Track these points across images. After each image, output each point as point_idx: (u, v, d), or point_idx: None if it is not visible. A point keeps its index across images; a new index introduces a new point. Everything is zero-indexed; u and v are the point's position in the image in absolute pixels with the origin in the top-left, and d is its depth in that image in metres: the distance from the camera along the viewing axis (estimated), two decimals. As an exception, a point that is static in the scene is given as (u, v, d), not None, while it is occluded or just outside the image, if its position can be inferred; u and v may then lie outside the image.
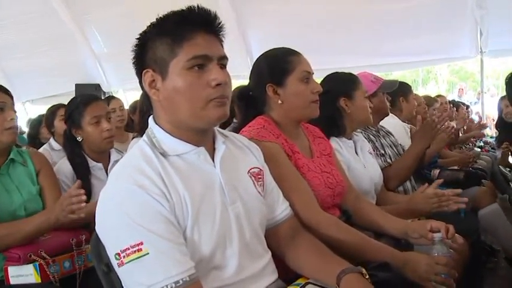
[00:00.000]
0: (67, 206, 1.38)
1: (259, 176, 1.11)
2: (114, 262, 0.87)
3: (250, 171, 1.09)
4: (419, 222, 1.34)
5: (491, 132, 5.99)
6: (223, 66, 0.97)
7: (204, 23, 0.95)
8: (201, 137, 0.99)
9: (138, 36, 0.97)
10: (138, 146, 0.98)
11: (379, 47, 5.66)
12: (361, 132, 1.97)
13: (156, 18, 0.96)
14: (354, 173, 1.66)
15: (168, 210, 0.88)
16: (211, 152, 1.01)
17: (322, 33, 5.68)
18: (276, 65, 1.36)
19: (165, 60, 0.93)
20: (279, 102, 1.35)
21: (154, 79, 0.95)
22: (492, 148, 4.62)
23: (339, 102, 1.73)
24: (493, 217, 2.50)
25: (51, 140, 2.76)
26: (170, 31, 0.93)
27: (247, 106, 1.44)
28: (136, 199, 0.87)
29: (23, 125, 5.36)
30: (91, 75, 6.83)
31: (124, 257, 0.84)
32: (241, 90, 1.48)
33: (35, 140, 3.32)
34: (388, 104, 2.17)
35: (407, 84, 2.96)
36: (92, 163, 1.87)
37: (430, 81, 15.59)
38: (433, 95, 5.30)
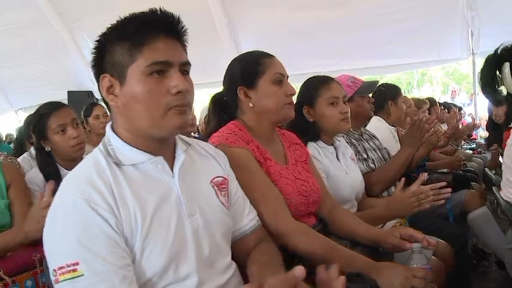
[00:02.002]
0: (42, 218, 1.32)
1: (223, 186, 1.06)
2: (52, 277, 0.82)
3: (213, 180, 1.05)
4: (390, 232, 1.28)
5: (484, 133, 5.97)
6: (185, 72, 0.93)
7: (166, 27, 0.91)
8: (160, 145, 0.95)
9: (97, 39, 0.93)
10: (91, 155, 0.94)
11: (371, 50, 5.67)
12: (343, 136, 1.93)
13: (117, 21, 0.92)
14: (334, 180, 1.61)
15: (114, 228, 0.84)
16: (171, 162, 0.97)
17: (314, 37, 5.69)
18: (248, 68, 1.32)
19: (124, 65, 0.89)
20: (250, 105, 1.31)
21: (113, 85, 0.91)
22: (484, 150, 4.60)
23: (303, 110, 1.69)
24: (482, 221, 2.47)
25: (32, 149, 2.73)
26: (129, 35, 0.89)
27: (221, 111, 1.40)
28: (80, 215, 0.82)
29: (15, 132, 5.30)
30: (83, 83, 6.82)
31: (60, 274, 0.80)
32: (215, 95, 1.45)
33: (22, 147, 3.27)
34: (370, 106, 2.12)
35: (397, 87, 2.92)
36: (63, 171, 1.82)
37: (425, 84, 15.62)
38: (428, 97, 5.31)
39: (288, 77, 1.34)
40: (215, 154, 1.11)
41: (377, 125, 2.67)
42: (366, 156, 1.98)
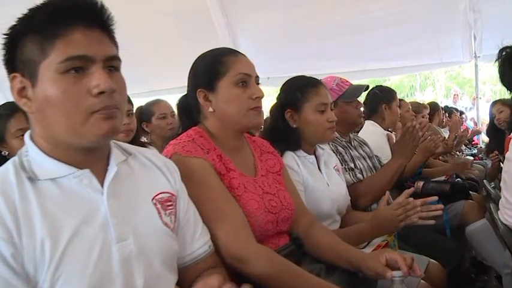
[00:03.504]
0: None
1: (170, 204, 0.91)
2: None
3: (157, 197, 0.89)
4: (375, 255, 1.12)
5: (487, 138, 5.82)
6: (112, 69, 0.78)
7: (85, 15, 0.75)
8: (86, 156, 0.80)
9: (6, 32, 0.77)
10: (1, 168, 0.79)
11: (371, 52, 5.54)
12: (329, 143, 1.76)
13: (28, 9, 0.77)
14: (313, 193, 1.45)
15: (7, 260, 0.69)
16: (103, 175, 0.82)
17: (313, 38, 5.57)
18: (207, 68, 1.17)
19: (35, 63, 0.74)
20: (210, 110, 1.16)
21: (25, 86, 0.76)
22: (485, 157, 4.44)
23: (286, 114, 1.53)
24: (482, 234, 2.28)
25: None
26: (40, 26, 0.74)
27: (186, 116, 1.25)
28: None
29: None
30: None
31: None
32: (181, 98, 1.29)
33: None
34: (358, 112, 1.95)
35: (392, 90, 2.74)
36: None
37: (427, 87, 15.43)
38: (430, 101, 5.18)
39: (257, 77, 1.19)
40: (163, 166, 0.95)
41: (370, 130, 2.53)
42: (353, 166, 1.81)
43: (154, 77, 5.59)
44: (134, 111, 2.78)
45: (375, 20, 5.18)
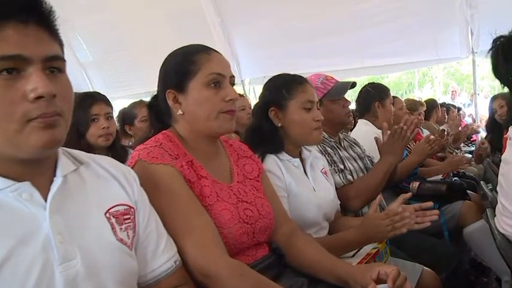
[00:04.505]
0: None
1: (127, 217, 0.82)
2: None
3: (111, 211, 0.80)
4: (366, 269, 1.03)
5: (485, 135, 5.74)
6: (55, 70, 0.70)
7: (19, 8, 0.67)
8: (26, 168, 0.71)
9: None
10: None
11: (367, 49, 5.51)
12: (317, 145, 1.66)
13: None
14: (298, 199, 1.36)
15: None
16: (47, 188, 0.73)
17: (309, 36, 5.52)
18: (178, 66, 1.08)
19: None
20: (180, 112, 1.07)
21: None
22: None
23: (270, 113, 1.44)
24: (480, 236, 2.15)
25: None
26: None
27: (155, 118, 1.16)
28: None
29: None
30: (77, 84, 6.65)
31: None
32: (152, 98, 1.19)
33: None
34: (345, 111, 1.85)
35: (384, 87, 2.66)
36: None
37: (426, 84, 15.34)
38: (428, 98, 5.10)
39: (232, 77, 1.09)
40: (121, 176, 0.87)
41: (364, 129, 2.45)
42: (342, 167, 1.71)
43: (148, 78, 5.54)
44: (117, 113, 2.69)
45: (371, 17, 5.15)
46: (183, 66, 1.06)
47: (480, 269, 2.62)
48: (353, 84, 1.83)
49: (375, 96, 2.53)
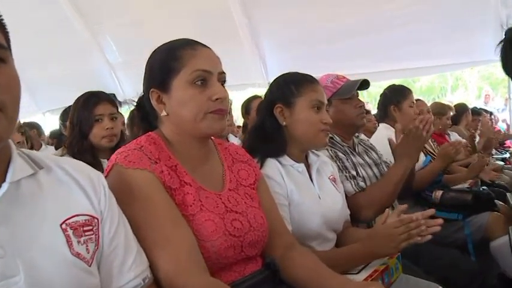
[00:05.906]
0: None
1: (88, 229, 0.74)
2: None
3: (68, 221, 0.72)
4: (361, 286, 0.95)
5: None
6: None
7: None
8: None
9: None
10: None
11: (397, 52, 5.38)
12: (327, 149, 1.56)
13: None
14: (299, 208, 1.25)
15: None
16: None
17: (336, 38, 5.45)
18: (161, 63, 0.99)
19: None
20: (164, 113, 0.99)
21: None
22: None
23: (275, 110, 1.34)
24: (508, 250, 1.93)
25: None
26: None
27: (140, 119, 1.09)
28: None
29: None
30: (106, 85, 6.86)
31: None
32: (141, 97, 1.11)
33: None
34: (357, 112, 1.71)
35: (403, 89, 2.51)
36: None
37: (459, 88, 14.84)
38: (459, 102, 4.94)
39: (221, 74, 1.00)
40: (86, 182, 0.78)
41: (383, 134, 2.25)
42: (354, 173, 1.58)
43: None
44: (128, 115, 2.72)
45: (403, 18, 5.03)
46: (167, 63, 0.98)
47: (510, 285, 2.49)
48: (365, 83, 1.70)
49: (390, 99, 2.43)
